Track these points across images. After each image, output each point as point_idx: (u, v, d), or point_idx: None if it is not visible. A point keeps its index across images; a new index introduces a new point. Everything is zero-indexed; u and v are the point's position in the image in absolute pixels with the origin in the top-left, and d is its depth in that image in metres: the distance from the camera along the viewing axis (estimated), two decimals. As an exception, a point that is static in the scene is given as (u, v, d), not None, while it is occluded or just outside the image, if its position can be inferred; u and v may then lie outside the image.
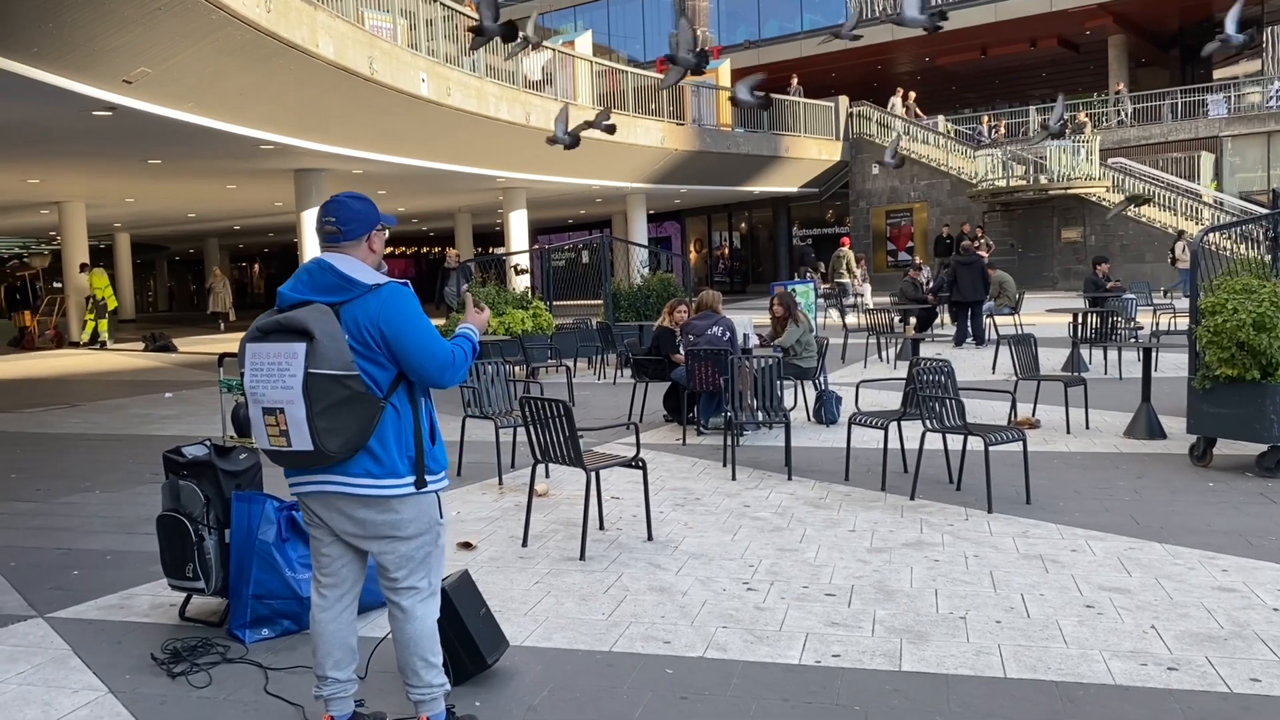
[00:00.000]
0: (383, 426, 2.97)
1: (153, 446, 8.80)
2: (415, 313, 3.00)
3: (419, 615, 3.14)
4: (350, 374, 2.89)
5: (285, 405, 2.87)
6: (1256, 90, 28.35)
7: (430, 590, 3.17)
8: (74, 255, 22.98)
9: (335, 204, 3.10)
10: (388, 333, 2.94)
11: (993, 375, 11.42)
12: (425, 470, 3.05)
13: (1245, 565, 4.79)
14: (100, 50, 10.49)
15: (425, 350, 2.98)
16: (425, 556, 3.14)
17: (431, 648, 3.15)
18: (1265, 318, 6.29)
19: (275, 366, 2.89)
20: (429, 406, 3.15)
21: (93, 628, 4.42)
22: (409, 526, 3.06)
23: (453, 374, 3.05)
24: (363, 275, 2.98)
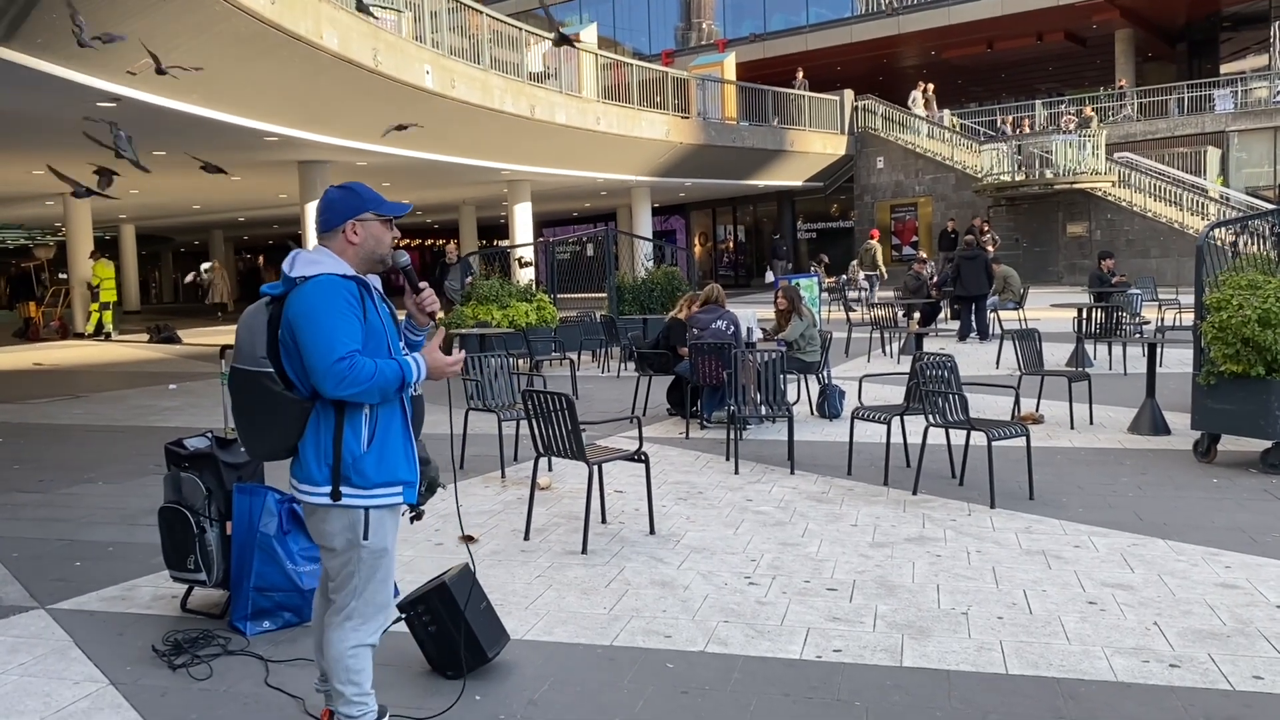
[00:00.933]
0: (308, 430, 2.85)
1: (155, 438, 8.82)
2: (320, 309, 2.76)
3: (329, 635, 2.97)
4: (261, 370, 2.81)
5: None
6: (1263, 85, 28.24)
7: (346, 615, 2.94)
8: (79, 247, 23.01)
9: (323, 195, 3.01)
10: (293, 325, 2.79)
11: (996, 370, 11.40)
12: (342, 480, 2.83)
13: (1249, 562, 4.77)
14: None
15: (313, 350, 2.74)
16: (348, 576, 2.92)
17: (340, 675, 2.96)
18: (1271, 314, 6.27)
19: None
20: (384, 413, 2.90)
21: (94, 619, 4.42)
22: (334, 539, 2.90)
23: (336, 384, 2.73)
24: (308, 269, 2.83)
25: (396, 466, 2.91)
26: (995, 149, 27.73)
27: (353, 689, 2.97)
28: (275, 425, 2.83)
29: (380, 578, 2.95)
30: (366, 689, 2.99)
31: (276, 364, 2.85)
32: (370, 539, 2.89)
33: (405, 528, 5.79)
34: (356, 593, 2.93)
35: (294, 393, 2.83)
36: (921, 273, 16.89)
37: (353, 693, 2.97)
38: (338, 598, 2.96)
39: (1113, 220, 26.02)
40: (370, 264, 2.96)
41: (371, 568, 2.92)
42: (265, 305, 2.90)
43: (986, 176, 27.52)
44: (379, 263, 2.99)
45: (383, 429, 2.89)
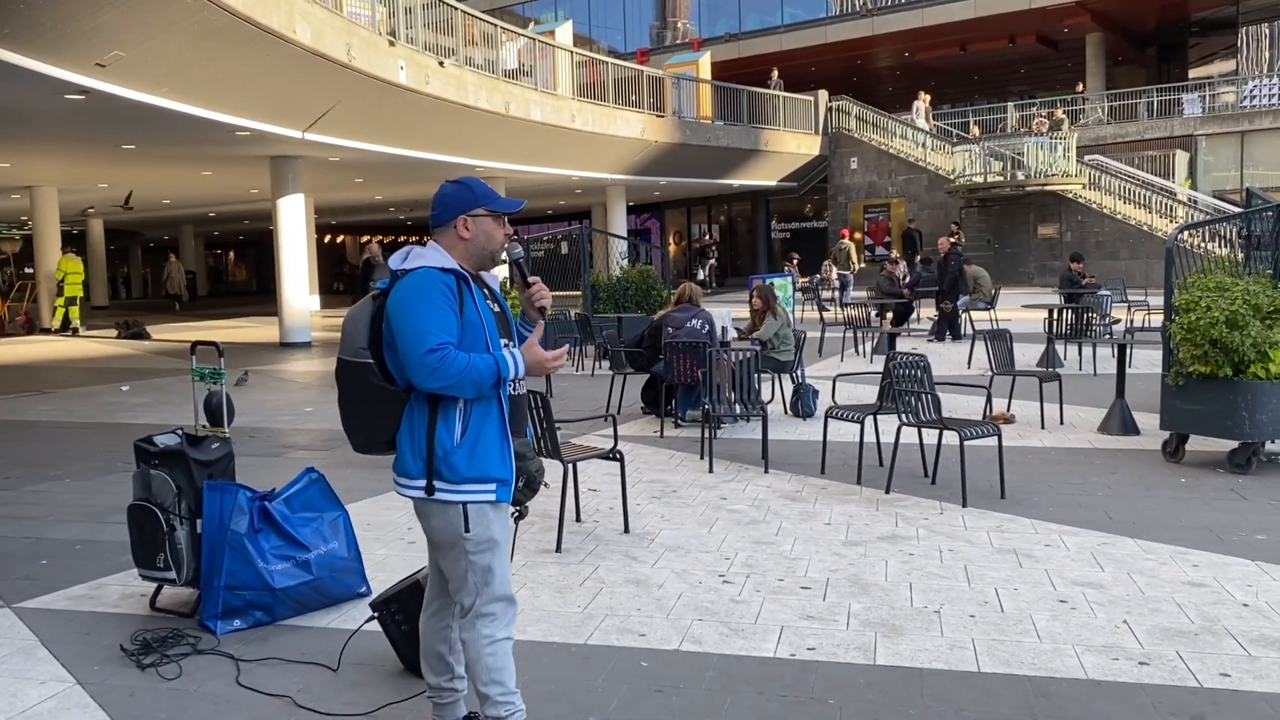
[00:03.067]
0: (402, 422, 2.85)
1: (124, 435, 8.72)
2: (414, 300, 2.75)
3: (465, 639, 2.91)
4: (361, 361, 2.80)
5: None
6: (1231, 90, 28.61)
7: (475, 613, 2.88)
8: (46, 241, 22.72)
9: (438, 189, 2.98)
10: (390, 317, 2.79)
11: (968, 370, 11.47)
12: (435, 474, 2.80)
13: (1215, 561, 4.83)
14: (74, 33, 10.33)
15: (405, 341, 2.74)
16: (462, 573, 2.87)
17: (482, 676, 2.88)
18: (1238, 316, 6.34)
19: None
20: (478, 408, 2.83)
21: (61, 618, 4.36)
22: (438, 534, 2.87)
23: (427, 376, 2.71)
24: (411, 261, 2.83)
25: (489, 463, 2.84)
26: (968, 150, 27.93)
27: (497, 689, 2.89)
28: (374, 416, 2.84)
29: (496, 570, 2.90)
30: (511, 687, 2.91)
31: (379, 357, 2.83)
32: (472, 531, 2.84)
33: (378, 526, 5.78)
34: (475, 589, 2.88)
35: (394, 386, 2.82)
36: (895, 273, 16.99)
37: (497, 693, 2.89)
38: (460, 598, 2.91)
39: (1083, 222, 26.27)
40: (481, 260, 2.94)
41: (483, 561, 2.86)
42: (373, 298, 2.89)
43: (959, 178, 27.71)
44: (490, 259, 2.96)
45: (476, 424, 2.83)
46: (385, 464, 7.64)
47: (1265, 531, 5.28)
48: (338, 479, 6.19)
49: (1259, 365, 6.36)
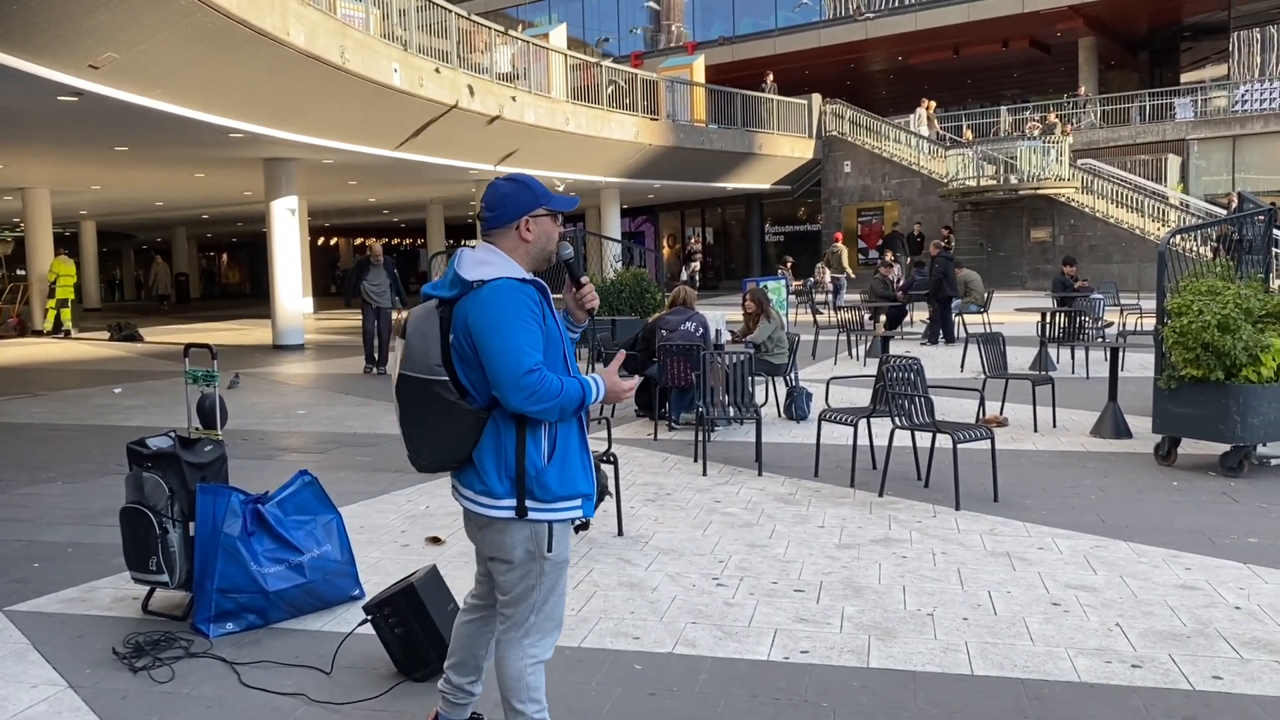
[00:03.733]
0: (483, 440, 2.70)
1: (116, 437, 8.70)
2: (505, 317, 2.62)
3: (503, 653, 2.82)
4: (435, 379, 2.66)
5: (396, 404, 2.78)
6: (1222, 94, 28.72)
7: (524, 630, 2.80)
8: (38, 243, 22.64)
9: (489, 187, 2.81)
10: (473, 334, 2.64)
11: (961, 373, 11.50)
12: (527, 495, 2.69)
13: (1208, 564, 4.84)
14: (67, 34, 10.31)
15: (499, 360, 2.59)
16: (527, 590, 2.77)
17: (521, 694, 2.80)
18: (1229, 319, 6.37)
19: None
20: (562, 425, 2.76)
21: (53, 621, 4.35)
22: (512, 552, 2.74)
23: (527, 399, 2.60)
24: (482, 270, 2.69)
25: (577, 479, 2.77)
26: (961, 154, 28.00)
27: (534, 707, 2.82)
28: (450, 435, 2.69)
29: (560, 591, 2.84)
30: (544, 704, 2.86)
31: (450, 371, 2.69)
32: (554, 551, 2.76)
33: (372, 529, 5.77)
34: (536, 607, 2.79)
35: (469, 401, 2.69)
36: (889, 276, 17.01)
37: (534, 710, 2.82)
38: (513, 612, 2.80)
39: (1076, 226, 26.34)
40: (540, 262, 2.82)
41: (553, 581, 2.80)
42: (435, 308, 2.72)
43: (952, 181, 27.77)
44: (548, 260, 2.85)
45: (562, 441, 2.75)
46: (378, 467, 7.64)
47: (1257, 534, 5.30)
48: (331, 482, 6.19)
49: (1250, 369, 6.38)
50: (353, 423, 9.53)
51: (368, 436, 8.77)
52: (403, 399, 2.72)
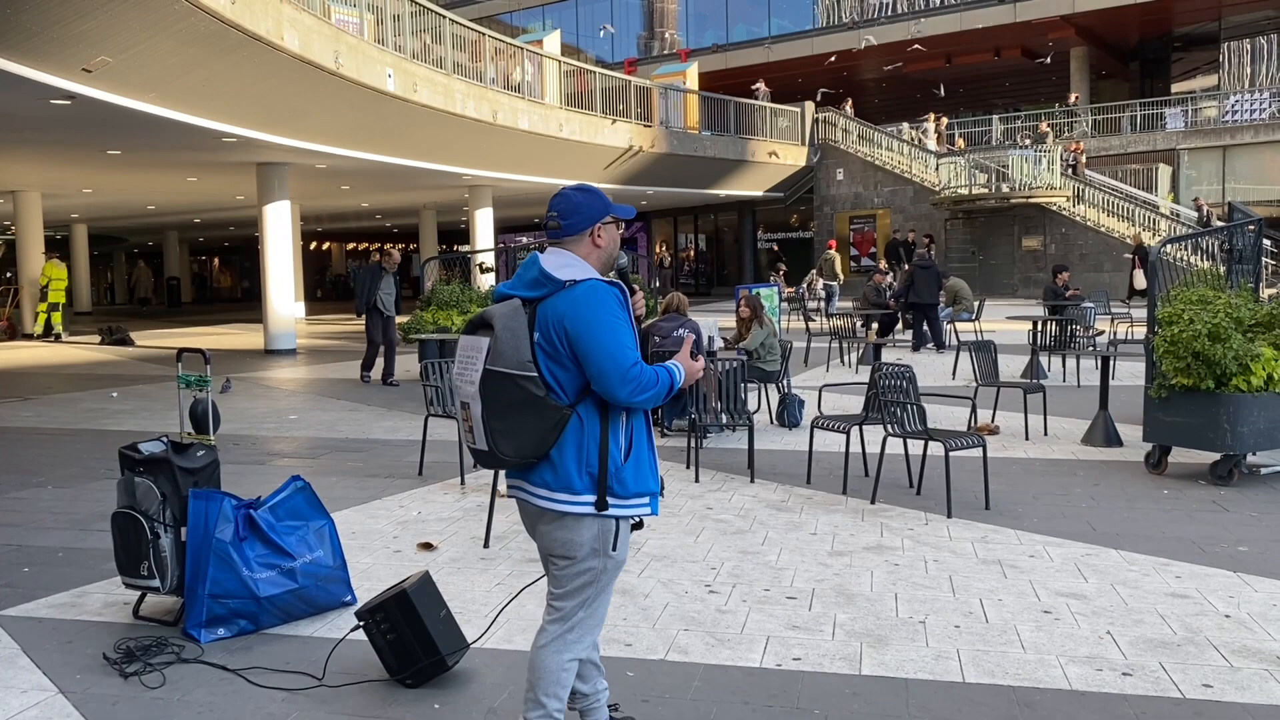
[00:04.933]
0: (564, 436, 2.76)
1: (108, 442, 8.68)
2: (605, 314, 2.73)
3: (545, 644, 2.88)
4: (525, 374, 2.70)
5: (470, 401, 2.76)
6: (1213, 105, 28.88)
7: (570, 625, 2.87)
8: (29, 246, 22.58)
9: (559, 198, 2.90)
10: (570, 332, 2.72)
11: (953, 381, 11.53)
12: (609, 491, 2.77)
13: (1198, 572, 4.86)
14: (60, 38, 10.29)
15: (606, 355, 2.69)
16: (583, 586, 2.85)
17: (550, 689, 2.86)
18: (1220, 328, 6.40)
19: (468, 361, 2.78)
20: (636, 423, 2.85)
21: (43, 626, 4.34)
22: (579, 549, 2.80)
23: (634, 391, 2.70)
24: (570, 271, 2.79)
25: (647, 477, 2.85)
26: (953, 162, 28.09)
27: (557, 704, 2.88)
28: (536, 430, 2.73)
29: (610, 591, 2.92)
30: (565, 702, 2.92)
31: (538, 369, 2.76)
32: (617, 550, 2.85)
33: (364, 534, 5.76)
34: (588, 603, 2.87)
35: (553, 398, 2.75)
36: (881, 284, 17.05)
37: (555, 707, 2.88)
38: (564, 607, 2.87)
39: (1067, 234, 26.44)
40: (607, 267, 2.92)
41: (609, 580, 2.89)
42: (521, 307, 2.78)
43: (944, 189, 27.86)
44: (611, 266, 2.94)
45: (636, 439, 2.84)
46: (370, 472, 7.63)
47: (1247, 543, 5.32)
48: (322, 487, 6.19)
49: (1241, 378, 6.41)
50: (345, 428, 9.51)
51: (360, 442, 8.76)
52: (490, 394, 2.73)
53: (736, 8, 36.15)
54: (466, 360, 2.79)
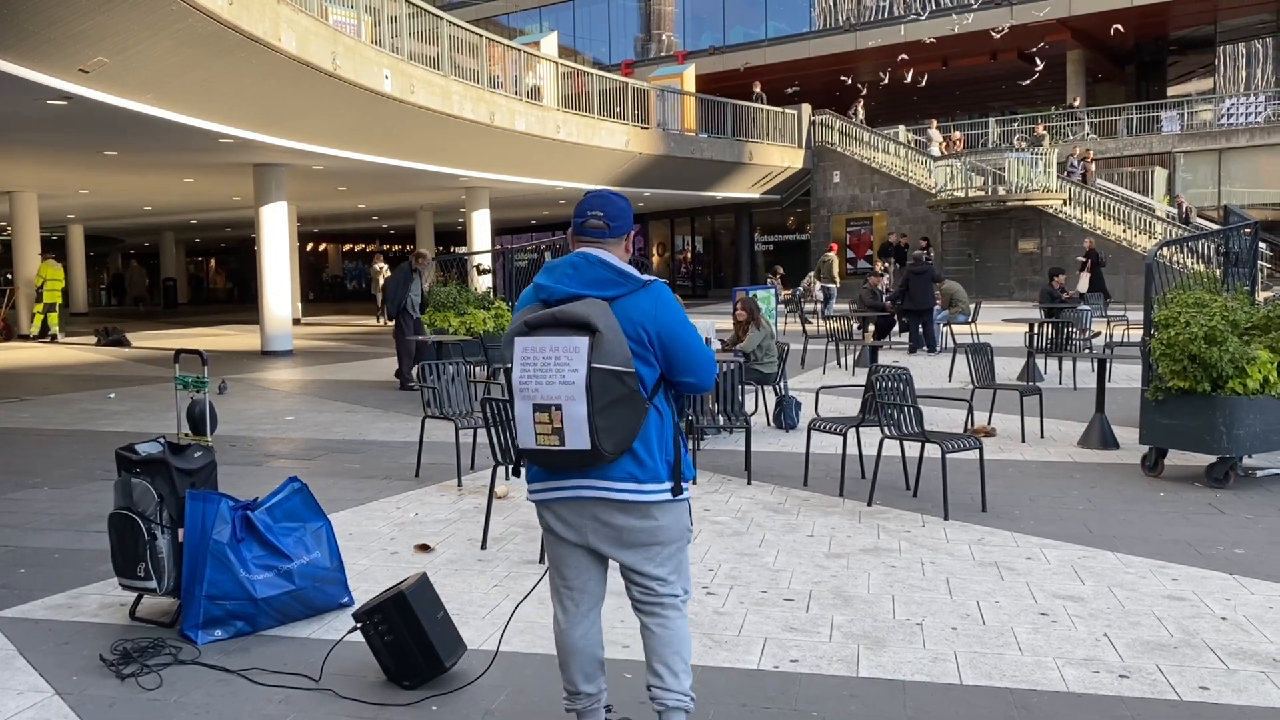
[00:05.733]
0: (646, 428, 2.84)
1: (104, 443, 8.67)
2: (683, 311, 2.94)
3: (675, 623, 2.98)
4: (629, 371, 2.76)
5: (563, 401, 2.73)
6: (1208, 108, 28.96)
7: (683, 599, 3.02)
8: (25, 247, 22.55)
9: (602, 199, 2.97)
10: (663, 332, 2.83)
11: (949, 383, 11.54)
12: (682, 476, 2.93)
13: (1194, 574, 4.87)
14: (57, 38, 10.28)
15: (699, 351, 2.88)
16: (680, 563, 3.00)
17: (681, 665, 2.98)
18: (1216, 331, 6.41)
19: (552, 361, 2.74)
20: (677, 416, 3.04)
21: (40, 627, 4.33)
22: (665, 533, 2.92)
23: (713, 376, 2.98)
24: (633, 270, 2.90)
25: (689, 464, 3.02)
26: (949, 165, 28.12)
27: (689, 677, 3.00)
28: (632, 424, 2.80)
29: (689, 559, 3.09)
30: None
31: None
32: (692, 524, 3.05)
33: (361, 536, 5.75)
34: (686, 576, 3.03)
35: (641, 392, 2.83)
36: (877, 286, 17.08)
37: (689, 682, 3.00)
38: (675, 583, 2.98)
39: (1063, 237, 26.49)
40: None
41: (688, 553, 3.08)
42: (604, 305, 2.81)
43: (940, 192, 27.89)
44: None
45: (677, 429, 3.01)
46: (366, 474, 7.63)
47: (1243, 545, 5.33)
48: (319, 488, 6.19)
49: (1237, 381, 6.42)
50: (341, 429, 9.51)
51: (356, 443, 8.75)
52: (598, 392, 2.74)
53: (733, 10, 36.19)
54: (551, 361, 2.75)
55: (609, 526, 2.90)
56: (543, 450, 2.79)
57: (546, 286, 2.87)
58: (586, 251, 2.90)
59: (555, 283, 2.86)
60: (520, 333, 2.82)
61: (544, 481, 2.93)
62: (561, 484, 2.90)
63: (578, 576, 3.01)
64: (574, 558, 2.99)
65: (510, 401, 2.90)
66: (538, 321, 2.79)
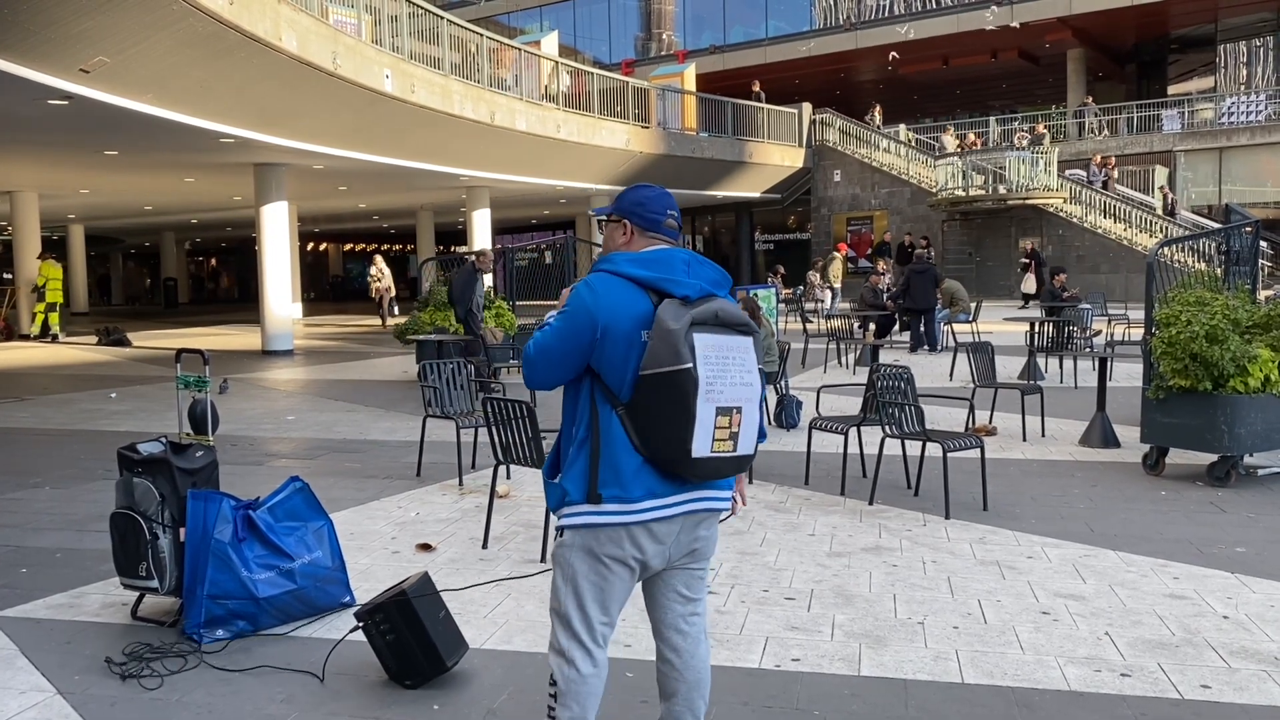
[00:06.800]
0: None
1: (105, 442, 8.67)
2: None
3: (705, 649, 2.80)
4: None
5: (744, 404, 2.52)
6: (1209, 107, 28.94)
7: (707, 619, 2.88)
8: (25, 246, 22.55)
9: (671, 199, 2.74)
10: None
11: (950, 382, 11.53)
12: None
13: (1196, 573, 4.87)
14: (58, 38, 10.28)
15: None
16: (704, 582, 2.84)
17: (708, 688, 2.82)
18: (1217, 330, 6.41)
19: (732, 361, 2.52)
20: None
21: (42, 627, 4.33)
22: (714, 544, 2.78)
23: None
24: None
25: None
26: (950, 164, 28.11)
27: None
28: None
29: None
30: None
31: None
32: None
33: (362, 535, 5.75)
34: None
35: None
36: (879, 285, 17.08)
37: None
38: (702, 604, 2.80)
39: (1064, 236, 26.48)
40: None
41: None
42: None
43: (941, 191, 27.88)
44: None
45: None
46: (368, 473, 7.63)
47: (1244, 544, 5.33)
48: (320, 488, 6.18)
49: (1238, 379, 6.42)
50: (342, 429, 9.51)
51: (357, 442, 8.76)
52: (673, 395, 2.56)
53: (734, 9, 36.19)
54: (730, 360, 2.52)
55: (696, 539, 2.67)
56: (714, 458, 2.50)
57: (682, 282, 2.55)
58: (685, 251, 2.67)
59: (694, 278, 2.58)
60: (698, 330, 2.49)
61: (661, 498, 2.56)
62: (682, 497, 2.59)
63: (619, 605, 2.67)
64: (627, 587, 2.65)
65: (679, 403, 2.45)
66: (702, 318, 2.50)
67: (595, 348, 2.53)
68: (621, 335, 2.51)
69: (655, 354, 2.45)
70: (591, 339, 2.53)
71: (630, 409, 2.52)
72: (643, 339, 2.50)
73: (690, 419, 2.44)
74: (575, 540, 2.60)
